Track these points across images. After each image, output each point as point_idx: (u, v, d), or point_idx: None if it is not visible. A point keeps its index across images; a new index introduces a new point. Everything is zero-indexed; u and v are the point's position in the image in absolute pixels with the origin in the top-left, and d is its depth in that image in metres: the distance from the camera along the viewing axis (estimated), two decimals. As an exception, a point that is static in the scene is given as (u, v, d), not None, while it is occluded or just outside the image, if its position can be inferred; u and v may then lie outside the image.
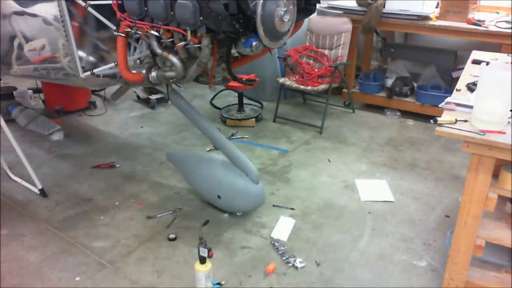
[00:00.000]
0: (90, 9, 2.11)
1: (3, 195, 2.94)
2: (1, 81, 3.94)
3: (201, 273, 2.03)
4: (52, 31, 2.23)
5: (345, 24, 4.03)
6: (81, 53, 2.25)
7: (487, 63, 1.83)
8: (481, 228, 1.91)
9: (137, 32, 2.09)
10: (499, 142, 1.66)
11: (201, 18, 1.87)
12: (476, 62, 2.56)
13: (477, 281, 1.99)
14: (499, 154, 1.70)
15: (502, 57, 2.70)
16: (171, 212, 2.74)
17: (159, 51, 2.11)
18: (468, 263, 1.94)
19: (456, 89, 2.20)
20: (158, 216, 2.71)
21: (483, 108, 1.77)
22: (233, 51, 2.17)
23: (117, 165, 3.33)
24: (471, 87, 2.19)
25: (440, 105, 2.03)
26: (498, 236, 1.89)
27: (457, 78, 2.37)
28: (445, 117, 1.84)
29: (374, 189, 3.01)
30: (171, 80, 2.22)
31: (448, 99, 2.03)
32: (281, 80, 4.02)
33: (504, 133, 1.71)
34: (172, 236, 2.50)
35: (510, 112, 1.80)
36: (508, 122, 1.79)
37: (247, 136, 3.84)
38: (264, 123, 4.11)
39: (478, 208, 1.83)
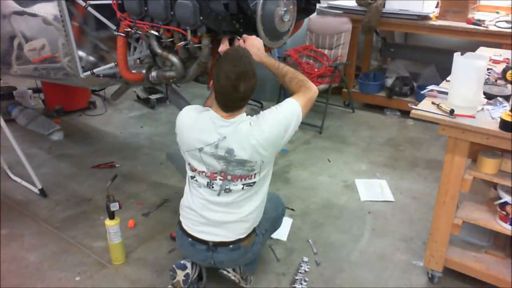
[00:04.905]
0: (90, 9, 2.11)
1: (3, 195, 2.94)
2: (1, 81, 3.93)
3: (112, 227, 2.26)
4: (52, 31, 2.23)
5: (345, 24, 4.03)
6: (81, 53, 2.25)
7: (462, 54, 1.93)
8: (461, 209, 2.02)
9: (137, 32, 2.09)
10: (469, 125, 1.78)
11: (201, 18, 1.87)
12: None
13: (456, 260, 2.09)
14: (471, 137, 1.80)
15: (507, 53, 2.69)
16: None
17: (159, 51, 2.10)
18: (447, 241, 2.04)
19: (446, 80, 2.25)
20: (152, 211, 2.75)
21: (456, 93, 1.90)
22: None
23: (117, 165, 3.33)
24: None
25: (422, 92, 2.13)
26: (475, 217, 1.98)
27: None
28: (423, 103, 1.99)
29: (374, 189, 3.01)
30: (171, 80, 2.22)
31: (431, 87, 2.13)
32: (281, 80, 4.02)
33: (474, 117, 1.81)
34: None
35: (484, 99, 1.92)
36: (483, 108, 1.88)
37: (247, 136, 3.83)
38: (264, 123, 4.10)
39: (455, 188, 1.93)
